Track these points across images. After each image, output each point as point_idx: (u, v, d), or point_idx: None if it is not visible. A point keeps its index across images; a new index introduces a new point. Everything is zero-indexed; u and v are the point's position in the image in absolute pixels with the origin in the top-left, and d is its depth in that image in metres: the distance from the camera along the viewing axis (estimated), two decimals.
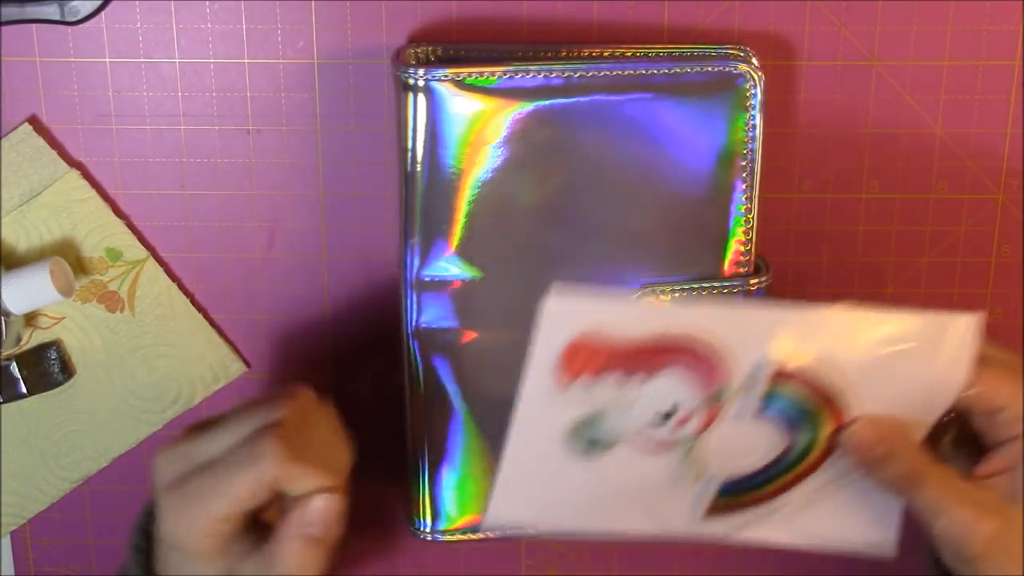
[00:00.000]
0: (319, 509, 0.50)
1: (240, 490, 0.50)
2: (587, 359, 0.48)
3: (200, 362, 0.62)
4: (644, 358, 0.48)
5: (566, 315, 0.47)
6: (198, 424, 0.53)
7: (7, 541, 0.65)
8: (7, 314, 0.58)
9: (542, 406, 0.49)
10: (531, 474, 0.51)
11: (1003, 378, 0.50)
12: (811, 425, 0.50)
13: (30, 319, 0.61)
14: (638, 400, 0.49)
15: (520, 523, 0.54)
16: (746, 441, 0.51)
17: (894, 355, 0.49)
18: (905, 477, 0.50)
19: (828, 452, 0.51)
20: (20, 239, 0.60)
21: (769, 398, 0.49)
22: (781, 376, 0.49)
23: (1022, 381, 0.50)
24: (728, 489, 0.52)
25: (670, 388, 0.49)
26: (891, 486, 0.51)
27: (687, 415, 0.50)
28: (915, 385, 0.49)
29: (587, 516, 0.53)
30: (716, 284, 0.57)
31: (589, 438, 0.50)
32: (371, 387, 0.63)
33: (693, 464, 0.51)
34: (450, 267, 0.56)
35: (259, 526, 0.52)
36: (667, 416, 0.50)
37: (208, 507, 0.50)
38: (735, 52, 0.56)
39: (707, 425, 0.50)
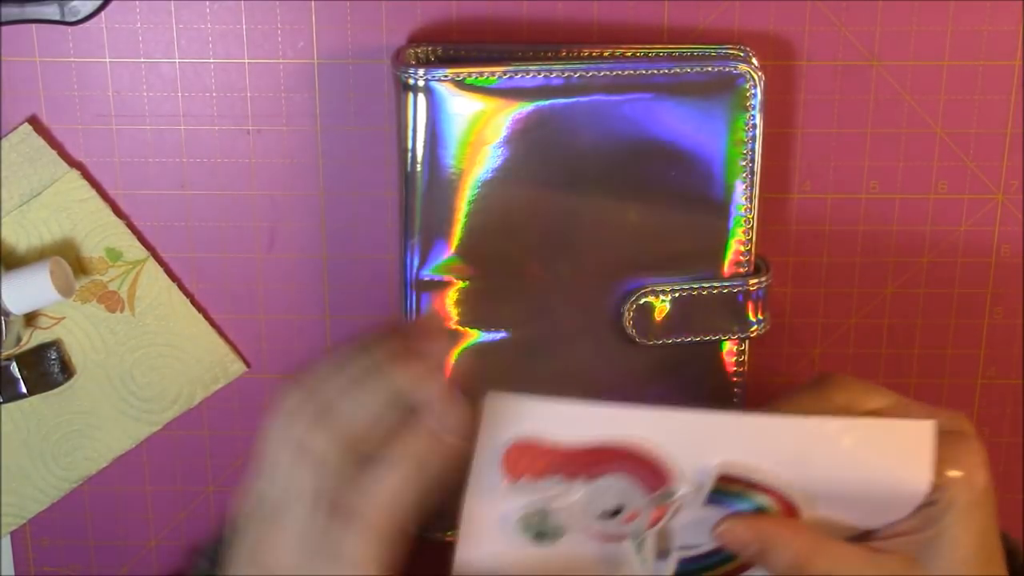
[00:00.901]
0: (459, 415, 0.46)
1: (378, 397, 0.45)
2: (528, 462, 0.47)
3: (200, 362, 0.62)
4: (585, 462, 0.47)
5: (505, 418, 0.46)
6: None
7: (7, 541, 0.65)
8: (7, 314, 0.58)
9: (491, 495, 0.48)
10: (487, 548, 0.50)
11: None
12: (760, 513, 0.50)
13: (30, 319, 0.61)
14: (583, 499, 0.48)
15: None
16: (698, 528, 0.50)
17: (847, 462, 0.48)
18: (791, 566, 0.48)
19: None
20: (20, 239, 0.60)
21: (716, 494, 0.49)
22: (726, 479, 0.48)
23: (939, 449, 0.48)
24: (686, 568, 0.51)
25: (614, 490, 0.48)
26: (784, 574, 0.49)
27: (634, 513, 0.49)
28: (872, 490, 0.48)
29: None
30: (716, 284, 0.57)
31: (538, 530, 0.49)
32: None
33: (646, 553, 0.50)
34: (450, 267, 0.56)
35: None
36: (614, 514, 0.49)
37: (354, 415, 0.45)
38: (735, 52, 0.56)
39: (656, 521, 0.49)
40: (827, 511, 0.49)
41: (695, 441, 0.47)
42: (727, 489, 0.48)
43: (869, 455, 0.48)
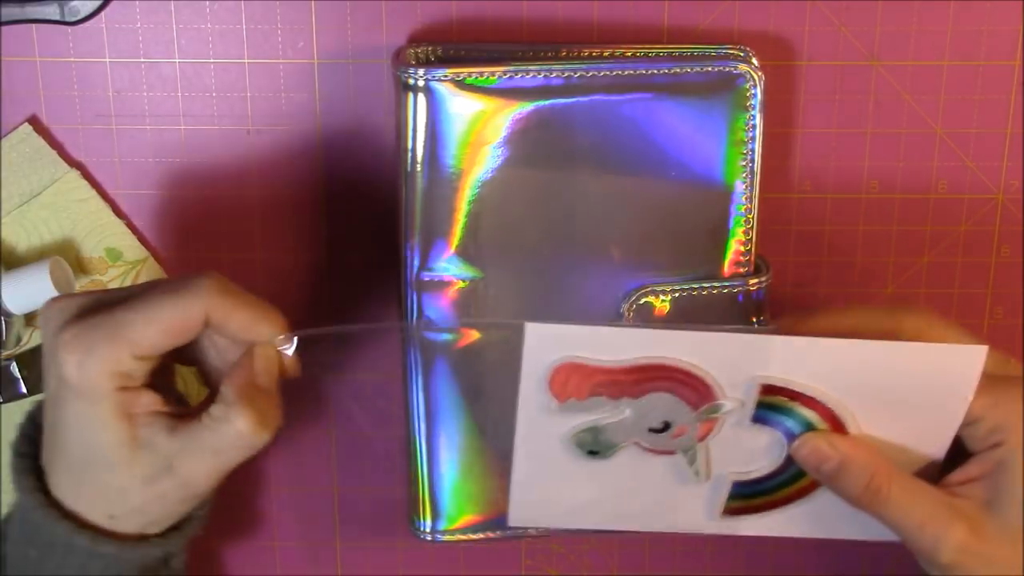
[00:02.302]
0: (265, 354, 0.46)
1: (162, 318, 0.45)
2: (575, 384, 0.49)
3: None
4: (629, 382, 0.49)
5: (547, 344, 0.48)
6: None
7: None
8: (7, 314, 0.58)
9: (540, 419, 0.50)
10: (541, 477, 0.51)
11: (980, 390, 0.49)
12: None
13: (30, 319, 0.61)
14: (631, 416, 0.50)
15: (540, 524, 0.55)
16: (749, 447, 0.51)
17: (895, 382, 0.48)
18: (865, 490, 0.49)
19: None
20: (20, 239, 0.60)
21: (762, 410, 0.49)
22: (770, 390, 0.49)
23: (997, 392, 0.49)
24: (741, 492, 0.52)
25: (660, 406, 0.49)
26: (852, 501, 0.49)
27: (682, 428, 0.50)
28: (916, 412, 0.49)
29: (602, 516, 0.53)
30: (716, 284, 0.57)
31: (590, 447, 0.50)
32: (370, 385, 0.63)
33: (699, 466, 0.51)
34: (450, 267, 0.56)
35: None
36: (663, 430, 0.50)
37: (124, 337, 0.44)
38: (735, 52, 0.56)
39: (706, 435, 0.50)
40: (870, 430, 0.49)
41: (736, 359, 0.48)
42: (773, 402, 0.49)
43: (914, 376, 0.48)
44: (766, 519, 0.53)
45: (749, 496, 0.52)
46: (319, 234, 0.61)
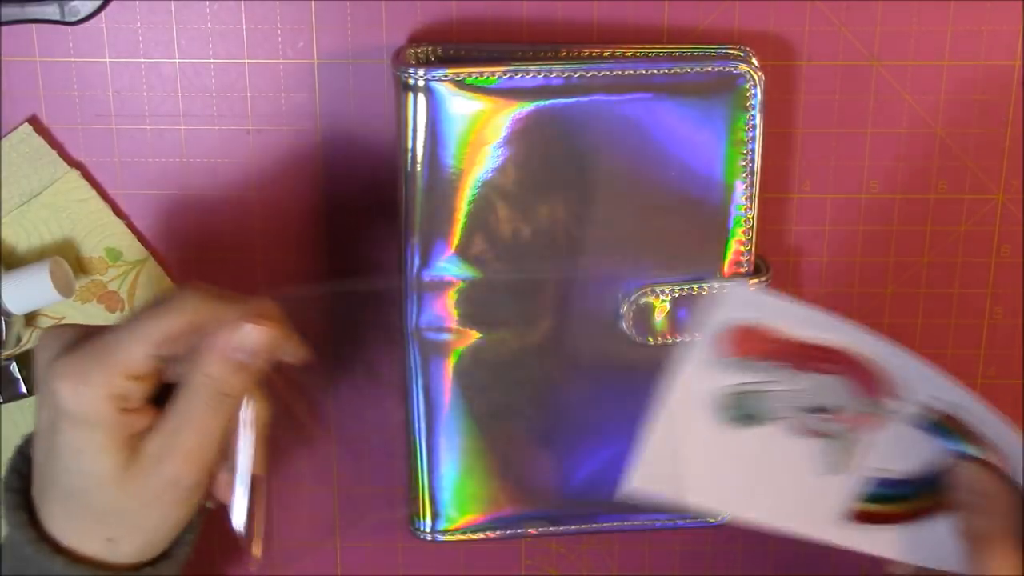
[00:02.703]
0: (248, 331, 0.46)
1: (153, 333, 0.45)
2: (753, 344, 0.49)
3: None
4: (806, 356, 0.49)
5: (746, 302, 0.49)
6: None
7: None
8: (7, 314, 0.58)
9: (702, 371, 0.50)
10: (678, 441, 0.51)
11: None
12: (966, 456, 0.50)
13: (30, 319, 0.61)
14: (796, 388, 0.50)
15: (660, 492, 0.53)
16: (901, 445, 0.51)
17: None
18: (976, 537, 0.48)
19: None
20: (20, 239, 0.60)
21: (934, 426, 0.50)
22: (952, 421, 0.49)
23: None
24: (875, 494, 0.52)
25: (828, 388, 0.50)
26: (962, 536, 0.49)
27: (841, 415, 0.50)
28: None
29: (727, 495, 0.52)
30: (716, 284, 0.57)
31: (742, 411, 0.50)
32: (370, 387, 0.63)
33: (843, 453, 0.51)
34: (450, 267, 0.56)
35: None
36: (820, 411, 0.50)
37: (115, 359, 0.45)
38: (735, 52, 0.56)
39: (859, 426, 0.50)
40: None
41: (920, 382, 0.49)
42: (942, 424, 0.50)
43: None
44: (887, 535, 0.52)
45: (882, 500, 0.52)
46: (319, 234, 0.61)
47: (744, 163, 0.56)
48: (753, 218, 0.57)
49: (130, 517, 0.47)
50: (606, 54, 0.56)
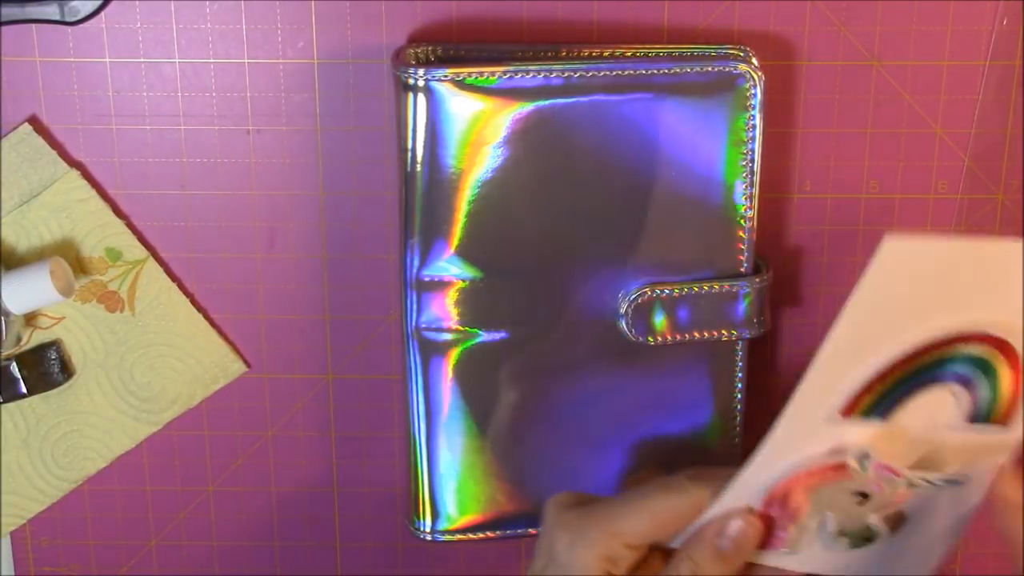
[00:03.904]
0: (737, 526, 0.48)
1: (658, 510, 0.48)
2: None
3: (200, 362, 0.62)
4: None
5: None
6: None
7: (7, 541, 0.65)
8: (7, 314, 0.58)
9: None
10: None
11: None
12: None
13: (30, 319, 0.61)
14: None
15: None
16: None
17: None
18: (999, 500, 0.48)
19: (1014, 399, 0.48)
20: (20, 239, 0.60)
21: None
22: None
23: None
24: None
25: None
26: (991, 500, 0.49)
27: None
28: None
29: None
30: (716, 284, 0.57)
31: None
32: (370, 385, 0.63)
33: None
34: (450, 267, 0.56)
35: None
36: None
37: (616, 525, 0.48)
38: (735, 52, 0.56)
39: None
40: None
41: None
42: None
43: None
44: None
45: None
46: (318, 234, 0.61)
47: (744, 163, 0.56)
48: (753, 218, 0.57)
49: None
50: (606, 54, 0.56)
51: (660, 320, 0.57)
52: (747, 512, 0.48)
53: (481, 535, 0.61)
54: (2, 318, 0.58)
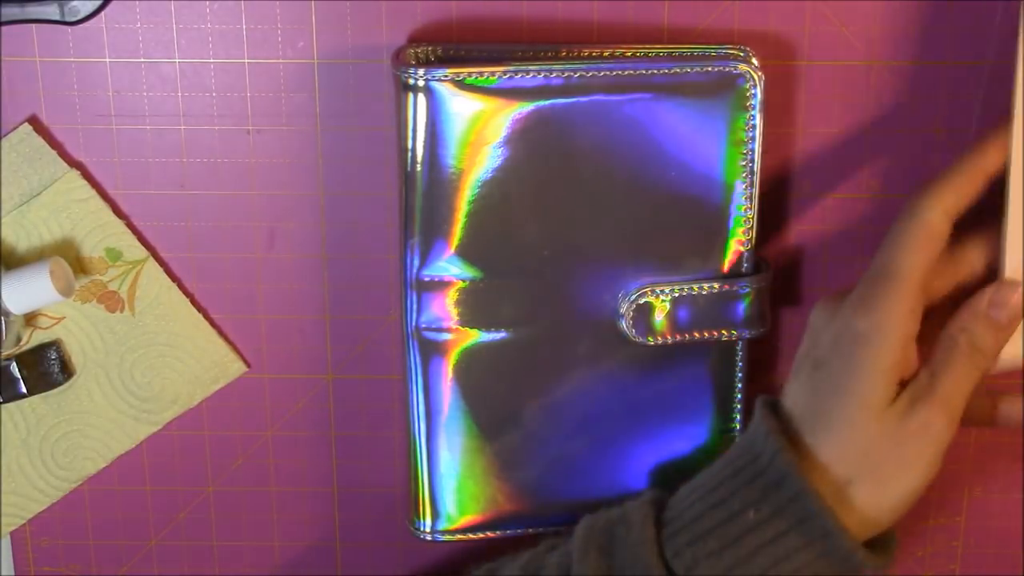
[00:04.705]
0: (1009, 290, 0.51)
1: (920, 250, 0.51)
2: None
3: (200, 362, 0.62)
4: None
5: None
6: None
7: (7, 541, 0.65)
8: (7, 314, 0.58)
9: None
10: None
11: None
12: None
13: (30, 319, 0.61)
14: None
15: None
16: None
17: None
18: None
19: None
20: (20, 239, 0.60)
21: None
22: None
23: None
24: None
25: None
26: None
27: None
28: None
29: None
30: (716, 284, 0.57)
31: None
32: (370, 385, 0.63)
33: None
34: (450, 267, 0.56)
35: None
36: None
37: (905, 278, 0.50)
38: (735, 52, 0.56)
39: None
40: None
41: None
42: None
43: None
44: None
45: None
46: (318, 234, 0.61)
47: (744, 163, 0.56)
48: (753, 218, 0.57)
49: (874, 455, 0.50)
50: (606, 54, 0.56)
51: (660, 320, 0.57)
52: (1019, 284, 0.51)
53: (481, 535, 0.61)
54: (2, 318, 0.58)
